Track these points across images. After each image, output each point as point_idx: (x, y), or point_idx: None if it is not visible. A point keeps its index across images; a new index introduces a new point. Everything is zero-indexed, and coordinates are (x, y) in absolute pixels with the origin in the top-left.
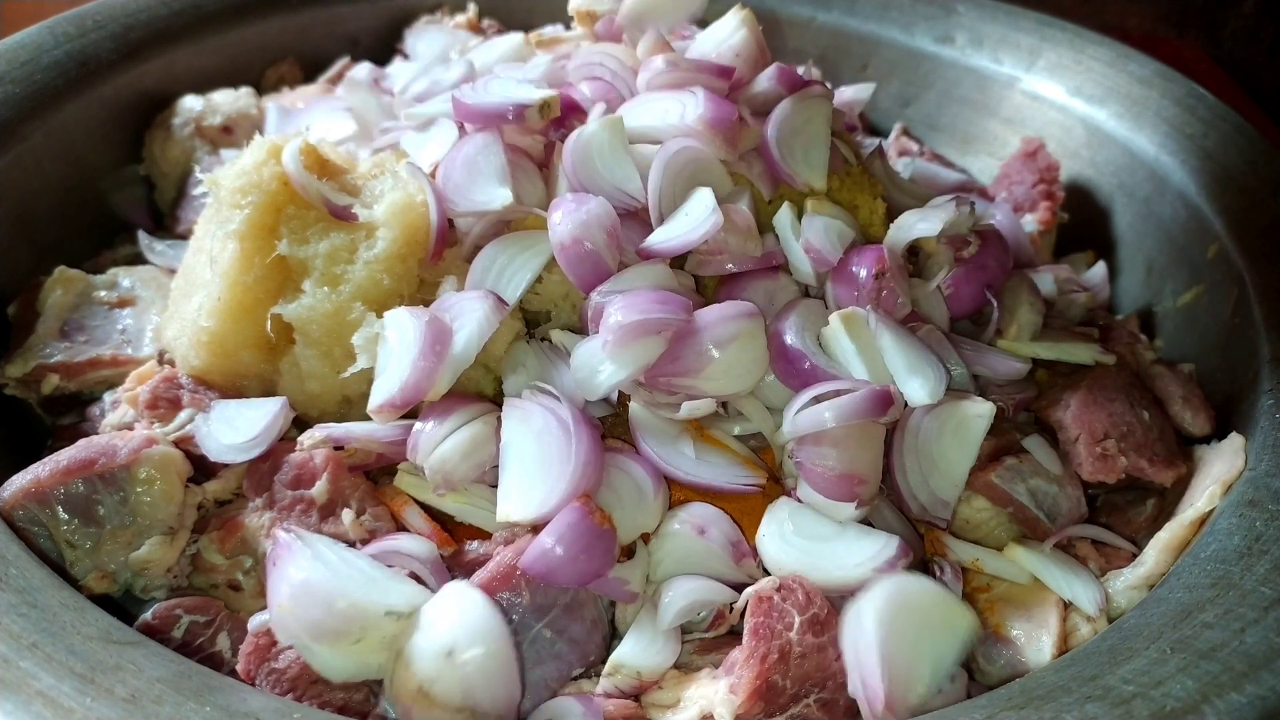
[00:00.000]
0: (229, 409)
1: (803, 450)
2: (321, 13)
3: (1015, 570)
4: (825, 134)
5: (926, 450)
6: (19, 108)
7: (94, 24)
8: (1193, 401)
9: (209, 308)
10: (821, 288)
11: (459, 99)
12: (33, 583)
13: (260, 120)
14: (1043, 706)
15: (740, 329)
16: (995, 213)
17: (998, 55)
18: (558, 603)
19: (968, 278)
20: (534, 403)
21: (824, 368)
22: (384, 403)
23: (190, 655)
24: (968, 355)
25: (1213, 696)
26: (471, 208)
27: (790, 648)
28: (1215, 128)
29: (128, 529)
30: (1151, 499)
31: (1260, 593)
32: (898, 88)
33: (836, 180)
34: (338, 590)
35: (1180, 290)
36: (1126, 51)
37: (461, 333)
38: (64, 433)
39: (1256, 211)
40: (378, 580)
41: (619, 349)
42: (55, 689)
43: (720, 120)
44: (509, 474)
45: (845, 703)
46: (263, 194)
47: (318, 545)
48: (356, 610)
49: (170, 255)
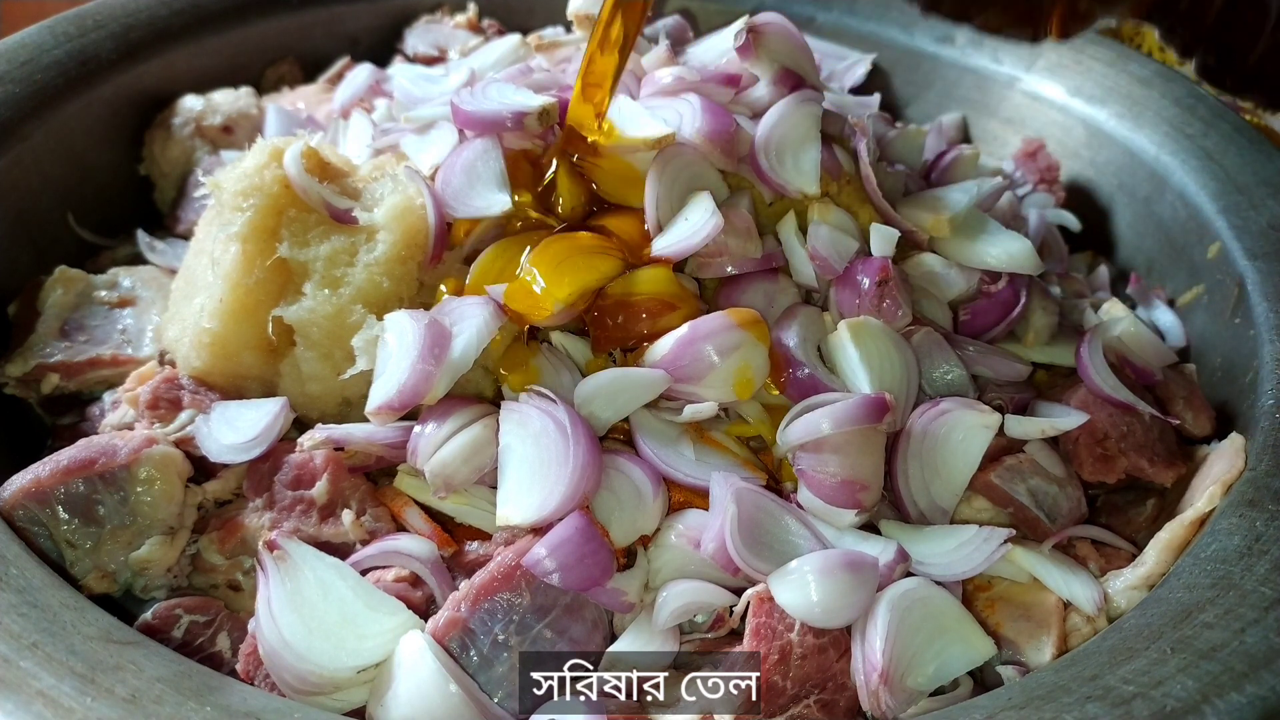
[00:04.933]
0: (229, 410)
1: (804, 457)
2: (321, 13)
3: (1015, 570)
4: (815, 138)
5: (930, 457)
6: (19, 107)
7: (94, 24)
8: (1193, 401)
9: (210, 309)
10: (824, 293)
11: (458, 105)
12: (33, 583)
13: (260, 120)
14: (1043, 706)
15: (742, 337)
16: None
17: (998, 55)
18: (559, 603)
19: (988, 310)
20: (531, 406)
21: (823, 380)
22: (382, 405)
23: (190, 655)
24: (969, 356)
25: (1213, 696)
26: (470, 213)
27: (791, 649)
28: (1215, 128)
29: (128, 529)
30: (1151, 499)
31: (1260, 593)
32: (898, 88)
33: (835, 186)
34: (306, 652)
35: (1180, 290)
36: (1126, 52)
37: (460, 337)
38: (64, 433)
39: (1256, 211)
40: (353, 625)
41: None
42: (56, 689)
43: (718, 132)
44: (508, 477)
45: (845, 703)
46: (264, 197)
47: (301, 574)
48: (325, 675)
49: (170, 255)
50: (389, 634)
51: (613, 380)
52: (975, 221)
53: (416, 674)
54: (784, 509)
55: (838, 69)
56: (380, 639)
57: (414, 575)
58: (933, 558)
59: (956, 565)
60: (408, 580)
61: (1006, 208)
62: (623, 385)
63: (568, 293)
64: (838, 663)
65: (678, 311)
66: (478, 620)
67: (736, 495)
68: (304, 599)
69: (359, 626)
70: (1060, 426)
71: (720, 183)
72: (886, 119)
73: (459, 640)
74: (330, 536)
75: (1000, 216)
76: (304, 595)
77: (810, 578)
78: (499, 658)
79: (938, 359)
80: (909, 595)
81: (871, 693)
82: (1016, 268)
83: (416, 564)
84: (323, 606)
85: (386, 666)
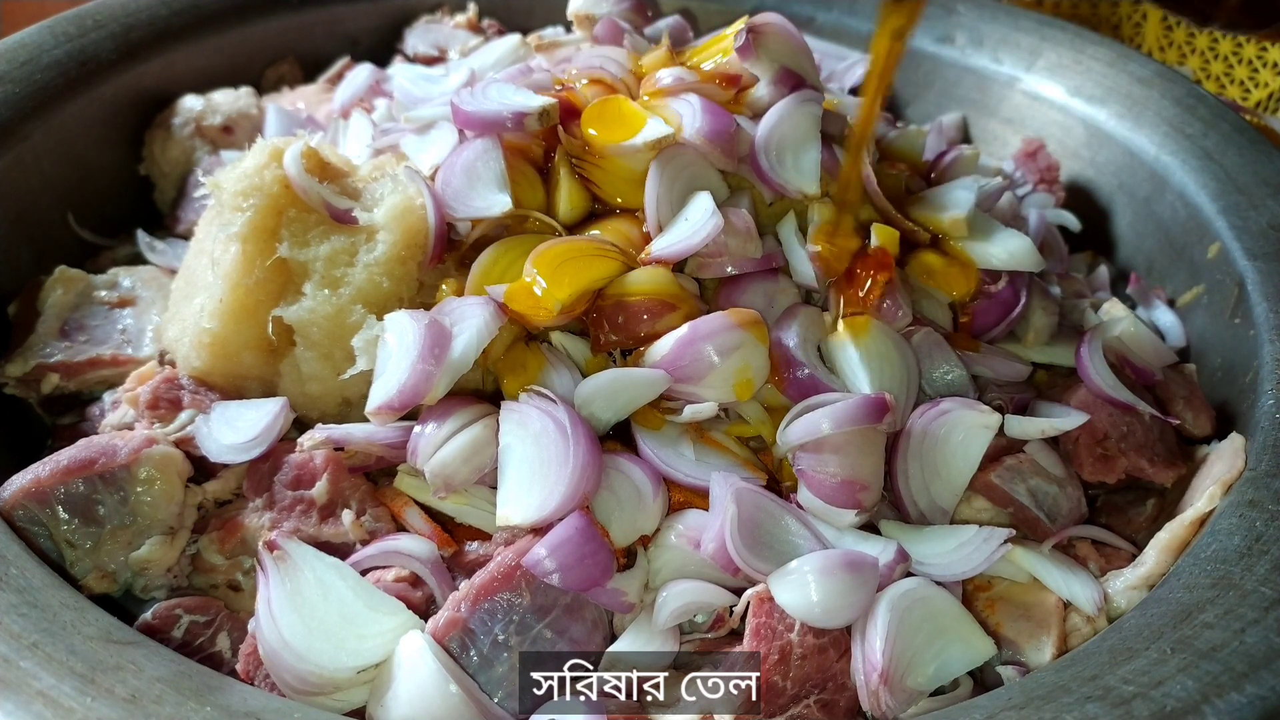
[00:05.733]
0: (229, 410)
1: (804, 457)
2: (321, 13)
3: (1015, 570)
4: (815, 138)
5: (930, 457)
6: (19, 107)
7: (94, 24)
8: (1193, 402)
9: (210, 309)
10: (824, 293)
11: (458, 105)
12: (33, 583)
13: (260, 120)
14: (1043, 706)
15: (742, 338)
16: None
17: (998, 55)
18: (559, 603)
19: (989, 310)
20: (531, 406)
21: (823, 380)
22: (381, 405)
23: (190, 655)
24: (968, 356)
25: (1213, 696)
26: (471, 213)
27: (791, 649)
28: (1215, 128)
29: (128, 529)
30: (1151, 499)
31: (1260, 593)
32: (898, 88)
33: (835, 186)
34: (306, 652)
35: (1180, 290)
36: (1126, 51)
37: (460, 337)
38: (64, 433)
39: (1256, 211)
40: (353, 625)
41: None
42: (56, 689)
43: (718, 132)
44: (508, 477)
45: (845, 703)
46: (264, 197)
47: (301, 574)
48: (325, 675)
49: (170, 255)
50: (389, 634)
51: (613, 381)
52: (976, 221)
53: (416, 674)
54: (784, 509)
55: (838, 69)
56: (380, 639)
57: (414, 575)
58: (933, 558)
59: (956, 565)
60: (408, 580)
61: (1006, 208)
62: (623, 385)
63: (568, 293)
64: (838, 663)
65: (677, 312)
66: (478, 620)
67: (736, 495)
68: (304, 599)
69: (359, 626)
70: (1060, 426)
71: (720, 183)
72: (887, 119)
73: (459, 640)
74: (330, 536)
75: (1000, 216)
76: (304, 595)
77: (810, 578)
78: (499, 658)
79: (938, 359)
80: (909, 595)
81: (871, 693)
82: (1018, 265)
83: (416, 564)
84: (323, 606)
85: (386, 667)
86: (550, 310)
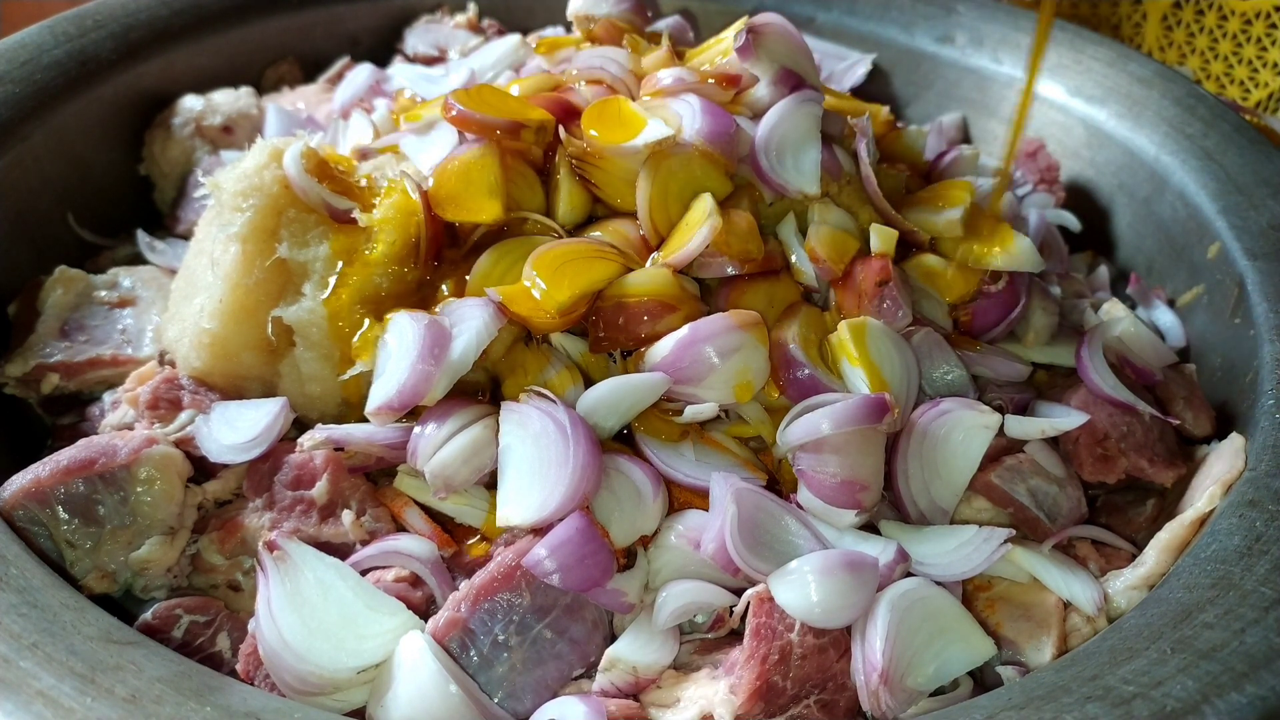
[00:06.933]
0: (229, 410)
1: (804, 457)
2: (321, 13)
3: (1015, 570)
4: (815, 138)
5: (930, 457)
6: (19, 107)
7: (94, 24)
8: (1193, 402)
9: (210, 310)
10: (824, 293)
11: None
12: (33, 583)
13: (260, 120)
14: (1043, 706)
15: (743, 339)
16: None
17: (998, 55)
18: (559, 603)
19: (989, 310)
20: (531, 406)
21: (823, 380)
22: (381, 405)
23: (190, 655)
24: (968, 356)
25: (1213, 696)
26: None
27: (791, 649)
28: (1215, 128)
29: (128, 529)
30: (1151, 499)
31: (1260, 593)
32: (898, 88)
33: (835, 186)
34: (306, 652)
35: (1180, 290)
36: (1126, 51)
37: (460, 338)
38: (64, 433)
39: (1256, 211)
40: (353, 625)
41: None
42: (56, 689)
43: (718, 133)
44: (508, 478)
45: (845, 704)
46: (264, 197)
47: (301, 574)
48: (325, 675)
49: (170, 255)
50: (389, 634)
51: (613, 390)
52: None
53: (416, 674)
54: (784, 509)
55: (838, 69)
56: (380, 639)
57: (414, 575)
58: (933, 558)
59: (956, 565)
60: (408, 580)
61: (1006, 208)
62: (624, 393)
63: (568, 295)
64: (838, 663)
65: (678, 313)
66: (478, 620)
67: (736, 495)
68: (304, 599)
69: (359, 627)
70: (1060, 426)
71: (720, 183)
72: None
73: (459, 640)
74: (330, 537)
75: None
76: (304, 595)
77: (810, 578)
78: (499, 658)
79: (938, 359)
80: (909, 595)
81: (871, 693)
82: (1018, 265)
83: (416, 564)
84: (323, 607)
85: (386, 667)
86: (550, 313)
